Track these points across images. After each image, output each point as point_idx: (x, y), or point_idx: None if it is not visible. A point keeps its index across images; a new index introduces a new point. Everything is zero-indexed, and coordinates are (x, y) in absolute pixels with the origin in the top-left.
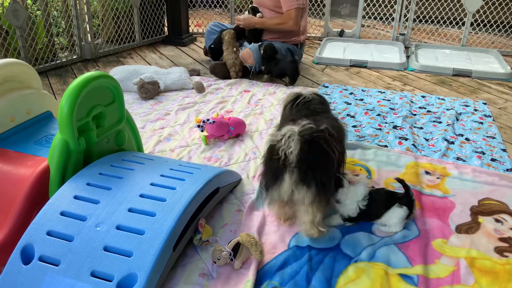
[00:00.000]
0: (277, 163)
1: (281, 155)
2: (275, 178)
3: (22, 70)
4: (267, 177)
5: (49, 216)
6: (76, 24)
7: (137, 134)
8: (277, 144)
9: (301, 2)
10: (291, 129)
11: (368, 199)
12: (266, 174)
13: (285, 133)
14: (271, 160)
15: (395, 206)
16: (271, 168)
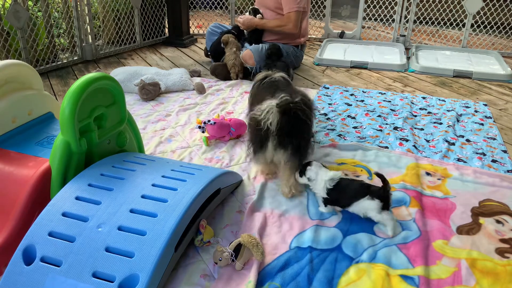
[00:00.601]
0: (261, 132)
1: (263, 126)
2: (261, 145)
3: (23, 71)
4: (254, 145)
5: (50, 217)
6: (77, 25)
7: (138, 135)
8: (259, 118)
9: (302, 5)
10: (270, 104)
11: (337, 183)
12: (253, 142)
13: (265, 108)
14: (256, 130)
15: (366, 198)
16: (256, 137)
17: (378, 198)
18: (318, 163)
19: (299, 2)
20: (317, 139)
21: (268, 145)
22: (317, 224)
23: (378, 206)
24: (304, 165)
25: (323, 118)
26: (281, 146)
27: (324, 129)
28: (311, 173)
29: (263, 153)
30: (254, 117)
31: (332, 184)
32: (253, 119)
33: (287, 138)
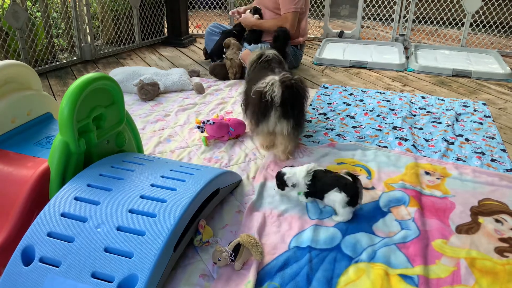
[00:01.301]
0: (265, 104)
1: (268, 98)
2: (264, 115)
3: (22, 71)
4: (257, 115)
5: (49, 217)
6: (76, 25)
7: (137, 135)
8: (263, 90)
9: (299, 6)
10: (273, 78)
11: (313, 176)
12: (257, 112)
13: (269, 81)
14: (261, 102)
15: (334, 190)
16: (260, 108)
17: (345, 192)
18: (287, 167)
19: (296, 2)
20: (315, 138)
21: (271, 115)
22: (316, 223)
23: (344, 200)
24: (279, 178)
25: (322, 117)
26: (284, 117)
27: (323, 129)
28: (292, 179)
29: (266, 123)
30: (258, 90)
31: (309, 179)
32: (257, 91)
33: (290, 109)
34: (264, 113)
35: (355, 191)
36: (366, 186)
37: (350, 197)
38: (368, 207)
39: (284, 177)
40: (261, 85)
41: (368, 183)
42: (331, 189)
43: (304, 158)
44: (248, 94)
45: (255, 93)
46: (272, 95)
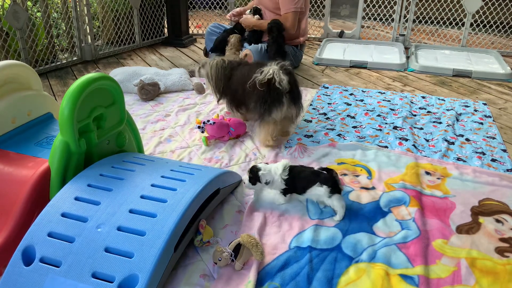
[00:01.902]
0: (277, 91)
1: (278, 85)
2: (278, 102)
3: (22, 71)
4: (271, 103)
5: (50, 217)
6: (76, 25)
7: (137, 135)
8: (272, 78)
9: (299, 6)
10: (272, 67)
11: (289, 171)
12: (269, 101)
13: (271, 71)
14: (271, 90)
15: (316, 185)
16: (272, 96)
17: (326, 184)
18: (261, 163)
19: (296, 2)
20: (315, 138)
21: (283, 101)
22: (317, 224)
23: (327, 191)
24: (253, 172)
25: (322, 117)
26: (294, 102)
27: (324, 129)
28: (267, 176)
29: (280, 109)
30: (266, 78)
31: (287, 174)
32: (266, 80)
33: (296, 94)
34: (277, 100)
35: (334, 180)
36: (367, 186)
37: (332, 187)
38: (368, 207)
39: (259, 173)
40: (264, 75)
41: (368, 183)
42: (313, 184)
43: (304, 158)
44: (238, 89)
45: (262, 83)
46: (281, 82)
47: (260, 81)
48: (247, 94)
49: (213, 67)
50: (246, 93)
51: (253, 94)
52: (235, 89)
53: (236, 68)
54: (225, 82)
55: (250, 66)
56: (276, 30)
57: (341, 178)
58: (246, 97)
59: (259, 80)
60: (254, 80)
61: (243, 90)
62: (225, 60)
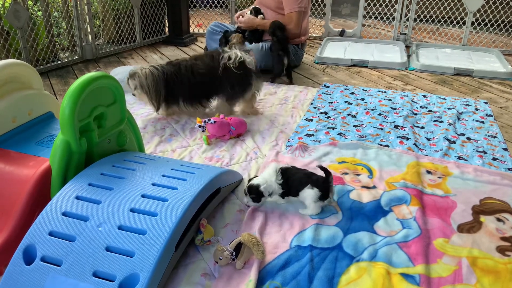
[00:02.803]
0: (246, 71)
1: (248, 66)
2: (250, 79)
3: (23, 71)
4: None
5: (51, 216)
6: (77, 24)
7: (138, 134)
8: (243, 60)
9: (303, 5)
10: (234, 51)
11: (282, 174)
12: (245, 80)
13: (238, 54)
14: (243, 71)
15: (307, 187)
16: (244, 76)
17: (317, 188)
18: (254, 179)
19: (300, 2)
20: (316, 137)
21: (253, 78)
22: (318, 223)
23: (316, 195)
24: (254, 191)
25: (323, 116)
26: (260, 77)
27: (325, 128)
28: (268, 188)
29: (252, 85)
30: (240, 60)
31: (280, 178)
32: (235, 65)
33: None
34: (250, 78)
35: (327, 186)
36: (368, 185)
37: (322, 192)
38: (369, 206)
39: (261, 188)
40: (234, 59)
41: (369, 182)
42: (305, 186)
43: (305, 157)
44: (204, 82)
45: (237, 66)
46: (251, 62)
47: (233, 64)
48: (219, 82)
49: (148, 77)
50: (217, 82)
51: (226, 79)
52: (196, 85)
53: (182, 66)
54: (170, 88)
55: (205, 58)
56: (279, 31)
57: (342, 177)
58: (219, 84)
59: (233, 63)
60: (224, 65)
61: (213, 80)
62: (156, 66)
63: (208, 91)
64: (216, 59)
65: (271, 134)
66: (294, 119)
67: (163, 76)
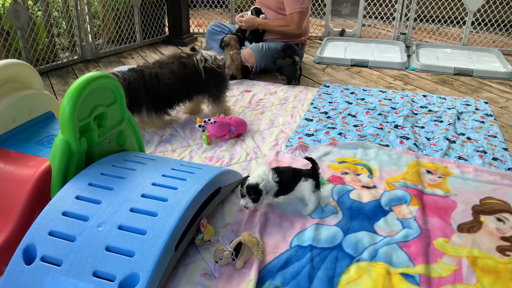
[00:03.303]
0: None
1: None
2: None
3: (23, 70)
4: (226, 82)
5: (51, 216)
6: (77, 24)
7: (138, 134)
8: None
9: (305, 6)
10: (208, 52)
11: (276, 174)
12: (225, 79)
13: (212, 55)
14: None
15: (302, 180)
16: (222, 76)
17: (311, 178)
18: (250, 178)
19: (301, 2)
20: (316, 137)
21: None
22: (318, 222)
23: (312, 185)
24: (254, 190)
25: (323, 116)
26: None
27: (325, 128)
28: (266, 186)
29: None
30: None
31: (276, 176)
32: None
33: None
34: (226, 77)
35: (316, 175)
36: (368, 185)
37: (316, 181)
38: (369, 206)
39: (260, 187)
40: (215, 59)
41: (369, 182)
42: (299, 180)
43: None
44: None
45: (220, 65)
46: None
47: (214, 64)
48: (201, 83)
49: None
50: (199, 86)
51: (210, 81)
52: (163, 93)
53: (146, 74)
54: (133, 96)
55: (174, 66)
56: (288, 51)
57: (342, 177)
58: (200, 86)
59: (213, 63)
60: (205, 68)
61: (190, 83)
62: (117, 73)
63: (181, 96)
64: (191, 65)
65: (271, 134)
66: (294, 119)
67: (125, 82)
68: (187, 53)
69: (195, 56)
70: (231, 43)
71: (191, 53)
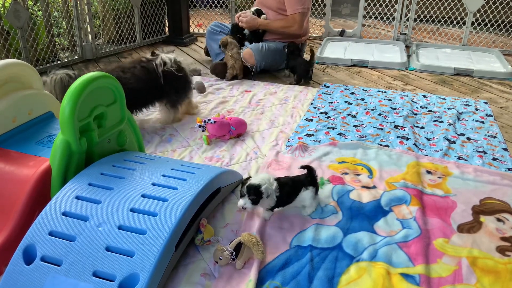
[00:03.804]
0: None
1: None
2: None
3: (23, 70)
4: (188, 85)
5: (51, 216)
6: (77, 24)
7: (138, 134)
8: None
9: (306, 6)
10: (168, 55)
11: (278, 186)
12: (186, 83)
13: (173, 58)
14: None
15: (303, 190)
16: (184, 79)
17: (311, 185)
18: (251, 179)
19: (303, 3)
20: (316, 137)
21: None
22: (318, 223)
23: (313, 193)
24: (255, 191)
25: (323, 116)
26: None
27: (325, 128)
28: (268, 190)
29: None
30: (179, 65)
31: (278, 190)
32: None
33: None
34: (189, 81)
35: (314, 181)
36: (368, 185)
37: (315, 188)
38: (369, 206)
39: (262, 189)
40: (174, 63)
41: (369, 182)
42: (299, 191)
43: (305, 157)
44: (145, 90)
45: (179, 69)
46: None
47: (173, 68)
48: (161, 91)
49: (57, 84)
50: (158, 91)
51: (169, 86)
52: (135, 93)
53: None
54: None
55: (137, 71)
56: (297, 51)
57: (342, 177)
58: (160, 93)
59: (172, 66)
60: (163, 72)
61: (151, 92)
62: (71, 73)
63: (143, 103)
64: (152, 70)
65: (271, 134)
66: (294, 119)
67: None
68: (147, 58)
69: (155, 60)
70: (228, 42)
71: (151, 58)
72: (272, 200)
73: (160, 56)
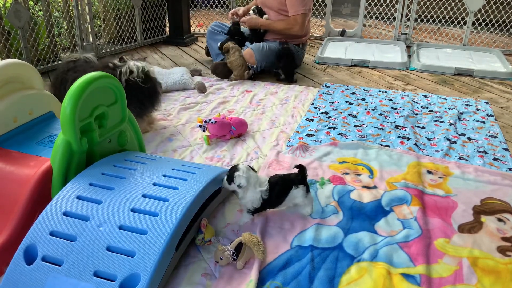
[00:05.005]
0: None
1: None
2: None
3: (24, 70)
4: (156, 94)
5: (52, 216)
6: (78, 24)
7: (139, 134)
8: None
9: (308, 7)
10: (136, 63)
11: (268, 187)
12: (154, 91)
13: (140, 66)
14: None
15: (293, 188)
16: (152, 87)
17: (301, 184)
18: (246, 166)
19: (305, 4)
20: (317, 137)
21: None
22: (318, 223)
23: (304, 191)
24: (232, 170)
25: (324, 116)
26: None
27: (325, 128)
28: (241, 180)
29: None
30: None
31: (267, 193)
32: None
33: None
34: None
35: (305, 179)
36: (368, 185)
37: (306, 186)
38: (370, 206)
39: (235, 172)
40: (140, 71)
41: (370, 182)
42: (290, 189)
43: (306, 157)
44: None
45: (147, 79)
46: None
47: (138, 78)
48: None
49: None
50: None
51: (133, 97)
52: None
53: (62, 88)
54: None
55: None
56: (289, 56)
57: (342, 177)
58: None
59: (138, 76)
60: (127, 81)
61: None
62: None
63: None
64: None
65: (272, 134)
66: (295, 119)
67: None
68: (114, 63)
69: (121, 67)
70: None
71: (118, 64)
72: (256, 201)
73: (127, 64)
